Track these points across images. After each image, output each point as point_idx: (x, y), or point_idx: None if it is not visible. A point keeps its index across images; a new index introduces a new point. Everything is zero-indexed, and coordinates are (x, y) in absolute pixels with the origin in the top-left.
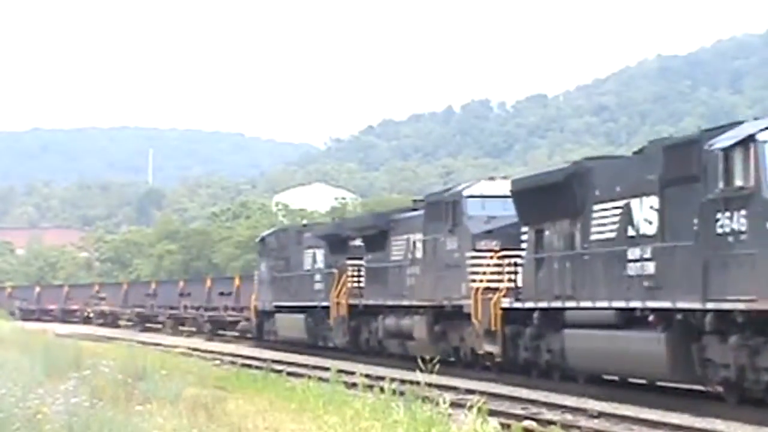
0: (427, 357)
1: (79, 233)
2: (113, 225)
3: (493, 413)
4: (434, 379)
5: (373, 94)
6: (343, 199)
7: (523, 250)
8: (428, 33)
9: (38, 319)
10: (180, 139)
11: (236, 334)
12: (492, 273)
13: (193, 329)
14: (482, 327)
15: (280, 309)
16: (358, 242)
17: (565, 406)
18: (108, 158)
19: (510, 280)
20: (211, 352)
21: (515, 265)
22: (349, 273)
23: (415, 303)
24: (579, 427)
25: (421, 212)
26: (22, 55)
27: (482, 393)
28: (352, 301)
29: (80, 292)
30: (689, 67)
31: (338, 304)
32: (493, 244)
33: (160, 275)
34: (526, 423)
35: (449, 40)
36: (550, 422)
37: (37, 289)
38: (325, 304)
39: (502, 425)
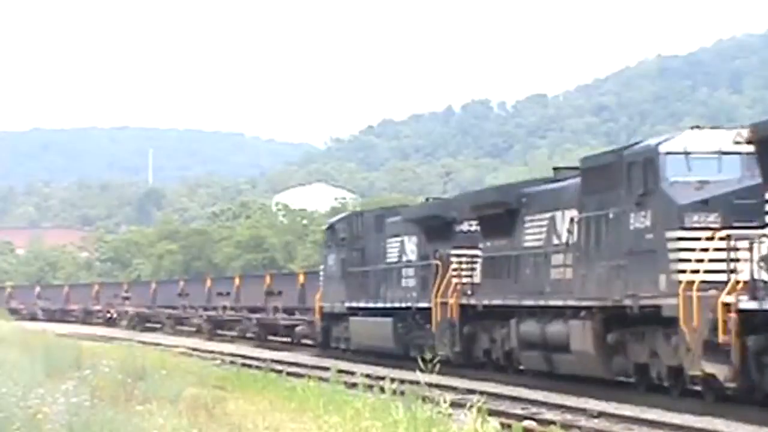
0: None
1: (79, 233)
2: (113, 225)
3: (493, 413)
4: (434, 378)
5: (373, 94)
6: (343, 199)
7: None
8: (428, 33)
9: (62, 320)
10: (180, 139)
11: (290, 339)
12: (711, 261)
13: (232, 333)
14: (699, 337)
15: (355, 311)
16: (467, 226)
17: (565, 406)
18: (108, 158)
19: (735, 271)
20: (211, 351)
21: (749, 248)
22: (456, 265)
23: (571, 303)
24: (579, 427)
25: (571, 182)
26: (22, 55)
27: (482, 393)
28: (464, 302)
29: (103, 291)
30: (689, 67)
31: (443, 305)
32: (711, 219)
33: (160, 275)
34: (526, 423)
35: (449, 40)
36: (550, 422)
37: (66, 288)
38: (423, 305)
39: (502, 425)
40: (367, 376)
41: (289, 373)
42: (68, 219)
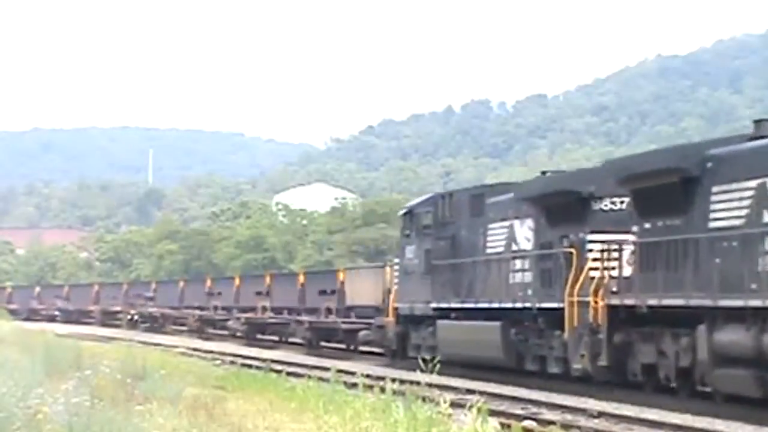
0: None
1: (79, 233)
2: (113, 225)
3: (493, 413)
4: (434, 379)
5: (373, 94)
6: (343, 199)
7: None
8: (428, 33)
9: (77, 321)
10: (180, 139)
11: (348, 346)
12: None
13: (274, 338)
14: None
15: (444, 314)
16: (610, 203)
17: (565, 406)
18: (108, 158)
19: None
20: (211, 352)
21: None
22: (597, 255)
23: None
24: (579, 427)
25: None
26: (22, 55)
27: (482, 393)
28: (615, 302)
29: (118, 290)
30: (689, 67)
31: (581, 305)
32: None
33: (160, 275)
34: (526, 423)
35: (449, 40)
36: (550, 422)
37: (96, 287)
38: (549, 305)
39: (502, 425)
40: (367, 376)
41: (289, 373)
42: (68, 219)
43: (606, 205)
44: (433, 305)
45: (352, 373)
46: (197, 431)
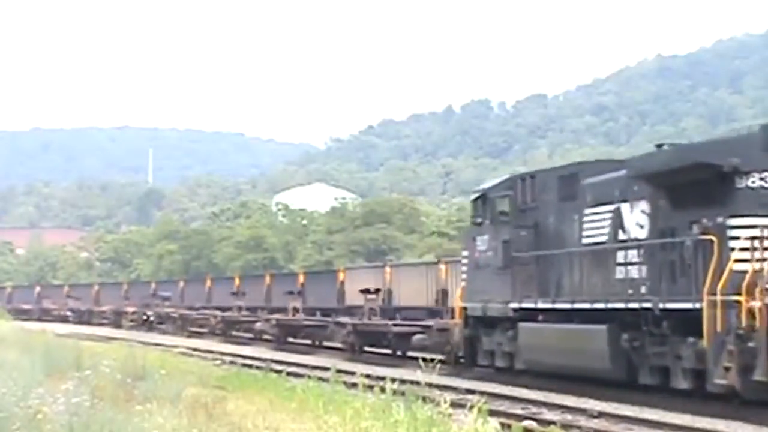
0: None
1: (79, 233)
2: (113, 225)
3: (493, 413)
4: (434, 379)
5: (373, 94)
6: (343, 199)
7: None
8: (428, 33)
9: (89, 322)
10: (180, 139)
11: (395, 350)
12: None
13: (307, 342)
14: None
15: (528, 315)
16: (759, 179)
17: (565, 406)
18: (108, 158)
19: None
20: (211, 352)
21: None
22: (744, 245)
23: None
24: (579, 427)
25: None
26: (22, 55)
27: (482, 393)
28: None
29: (139, 290)
30: (689, 67)
31: (723, 306)
32: None
33: (159, 275)
34: (526, 423)
35: (449, 40)
36: (550, 422)
37: (125, 287)
38: (682, 305)
39: (502, 425)
40: (367, 376)
41: (289, 373)
42: (68, 219)
43: (754, 182)
44: (514, 305)
45: (352, 373)
46: (197, 431)
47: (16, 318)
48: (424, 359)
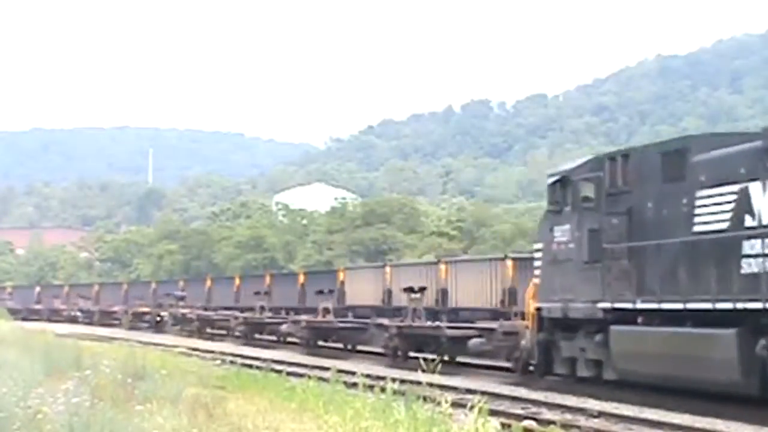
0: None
1: (79, 233)
2: (113, 225)
3: (493, 413)
4: (435, 379)
5: (373, 94)
6: (343, 199)
7: None
8: (428, 33)
9: (101, 323)
10: (180, 139)
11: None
12: None
13: (339, 346)
14: None
15: (623, 316)
16: None
17: (565, 406)
18: (108, 158)
19: None
20: (211, 352)
21: None
22: None
23: None
24: (579, 427)
25: None
26: (22, 55)
27: (483, 393)
28: None
29: (155, 289)
30: (689, 67)
31: None
32: None
33: (159, 275)
34: (526, 423)
35: (449, 40)
36: (550, 422)
37: (125, 286)
38: None
39: (503, 425)
40: (368, 376)
41: (289, 373)
42: (68, 219)
43: None
44: (603, 305)
45: (353, 373)
46: (197, 431)
47: (26, 319)
48: (485, 366)
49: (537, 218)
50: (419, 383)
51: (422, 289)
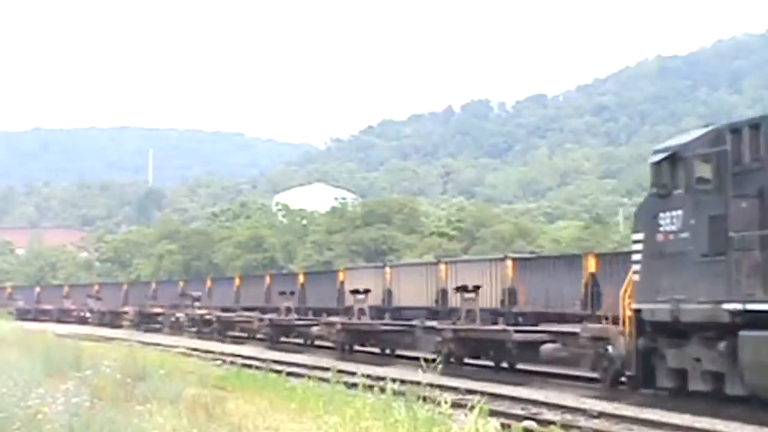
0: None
1: (79, 233)
2: (113, 225)
3: (493, 413)
4: (435, 379)
5: (373, 94)
6: (343, 199)
7: None
8: (428, 33)
9: (111, 324)
10: (180, 139)
11: (497, 361)
12: None
13: (376, 350)
14: None
15: (751, 320)
16: None
17: (565, 406)
18: (108, 158)
19: None
20: (211, 352)
21: None
22: None
23: None
24: (579, 427)
25: None
26: (22, 55)
27: (483, 393)
28: None
29: (167, 289)
30: (689, 67)
31: None
32: None
33: (159, 275)
34: (526, 423)
35: (449, 40)
36: (550, 422)
37: (153, 285)
38: None
39: (503, 425)
40: (368, 376)
41: (289, 373)
42: (68, 219)
43: None
44: (730, 307)
45: (353, 373)
46: (197, 431)
47: (35, 319)
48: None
49: (537, 218)
50: (419, 383)
51: (476, 288)
